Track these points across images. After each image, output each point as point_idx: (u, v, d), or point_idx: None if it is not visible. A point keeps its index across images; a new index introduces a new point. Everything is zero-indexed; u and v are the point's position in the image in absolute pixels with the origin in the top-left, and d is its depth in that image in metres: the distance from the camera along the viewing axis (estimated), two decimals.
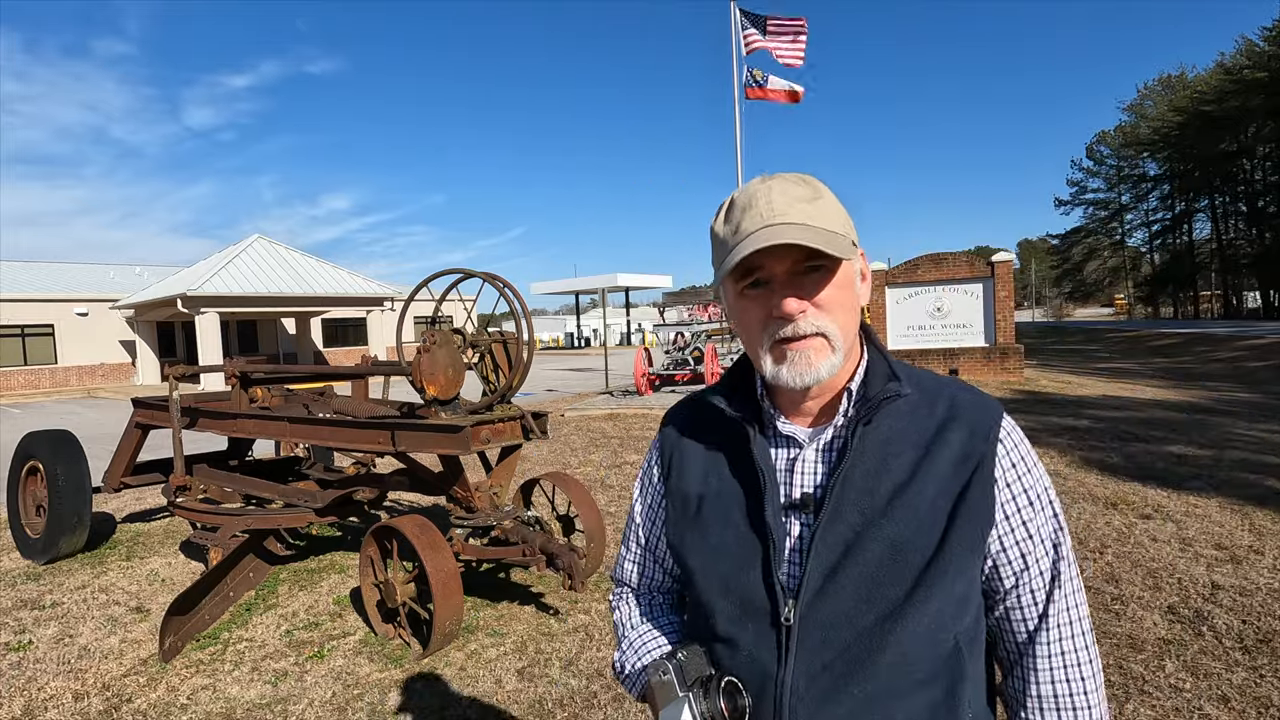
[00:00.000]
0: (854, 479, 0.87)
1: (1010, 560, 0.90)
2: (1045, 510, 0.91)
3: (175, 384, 4.91)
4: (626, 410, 12.07)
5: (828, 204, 0.88)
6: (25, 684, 3.46)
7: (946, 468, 0.87)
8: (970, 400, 0.93)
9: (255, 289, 23.97)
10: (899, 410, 0.91)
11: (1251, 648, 3.20)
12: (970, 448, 0.88)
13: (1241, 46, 45.46)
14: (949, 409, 0.91)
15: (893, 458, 0.88)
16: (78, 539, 5.29)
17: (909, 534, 0.85)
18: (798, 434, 0.93)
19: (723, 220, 0.90)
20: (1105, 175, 63.16)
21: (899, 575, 0.84)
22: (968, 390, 0.95)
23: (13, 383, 27.35)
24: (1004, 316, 14.72)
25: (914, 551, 0.85)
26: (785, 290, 0.85)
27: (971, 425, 0.90)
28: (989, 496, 0.88)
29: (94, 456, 5.90)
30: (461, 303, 5.85)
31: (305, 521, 4.48)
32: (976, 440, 0.89)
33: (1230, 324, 35.73)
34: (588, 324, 52.48)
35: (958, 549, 0.85)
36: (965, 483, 0.87)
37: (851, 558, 0.86)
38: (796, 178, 0.89)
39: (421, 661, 3.49)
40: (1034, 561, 0.90)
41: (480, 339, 4.16)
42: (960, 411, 0.91)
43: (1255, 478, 6.07)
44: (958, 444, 0.88)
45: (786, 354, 0.87)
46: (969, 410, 0.91)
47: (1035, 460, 0.93)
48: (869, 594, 0.85)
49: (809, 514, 0.89)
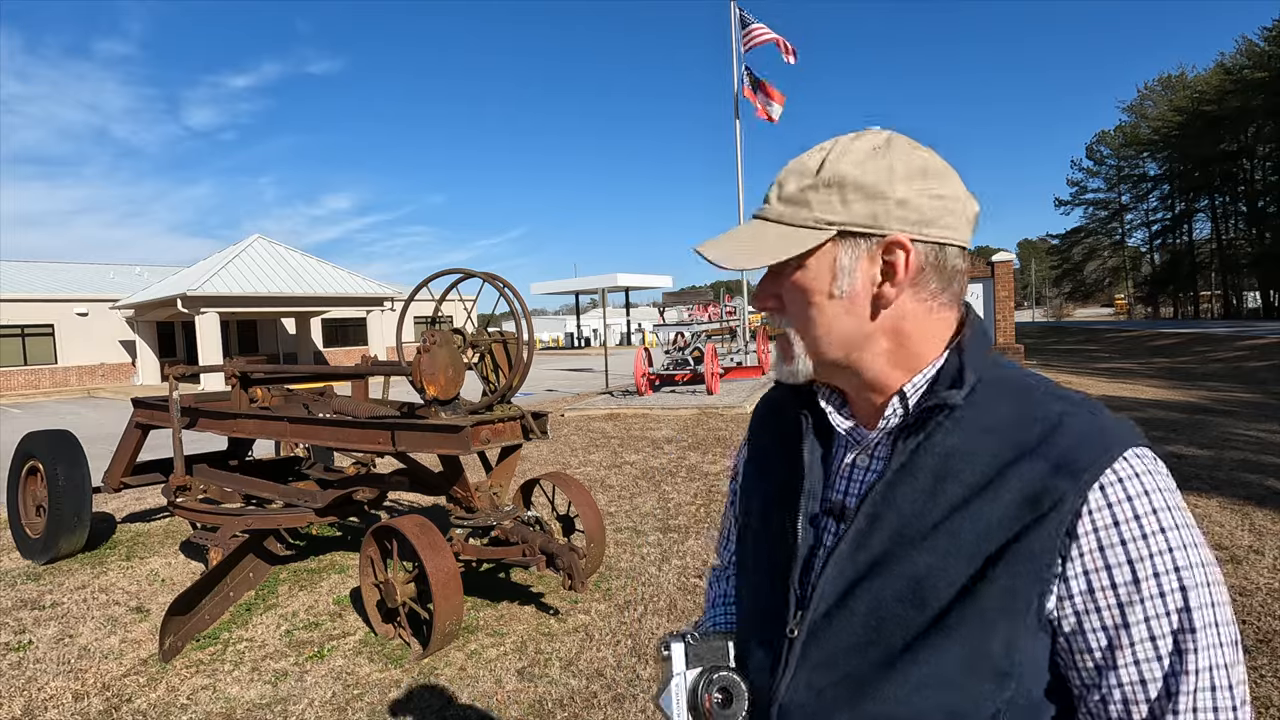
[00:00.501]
0: (892, 497, 0.75)
1: (1090, 649, 0.68)
2: (1161, 598, 0.65)
3: (175, 384, 4.91)
4: (626, 410, 12.07)
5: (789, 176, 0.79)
6: (25, 684, 3.47)
7: (1007, 503, 0.69)
8: (1080, 427, 0.70)
9: (255, 289, 23.97)
10: (975, 425, 0.73)
11: (1251, 648, 3.20)
12: (1046, 485, 0.68)
13: (1242, 46, 45.55)
14: (1044, 433, 0.71)
15: (951, 480, 0.73)
16: (78, 539, 5.29)
17: (936, 570, 0.71)
18: (854, 434, 0.83)
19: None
20: (1105, 175, 63.21)
21: (912, 617, 0.72)
22: (1089, 417, 0.72)
23: (13, 383, 27.35)
24: (1004, 316, 14.73)
25: (936, 592, 0.71)
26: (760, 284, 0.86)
27: (1062, 457, 0.69)
28: (1053, 550, 0.67)
29: (94, 456, 5.90)
30: (461, 303, 5.85)
31: (305, 521, 4.48)
32: (1060, 477, 0.68)
33: (1230, 324, 35.73)
34: (588, 324, 52.49)
35: (990, 601, 0.68)
36: (1024, 526, 0.68)
37: (868, 583, 0.75)
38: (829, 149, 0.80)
39: (421, 661, 3.49)
40: (1125, 662, 0.66)
41: (480, 339, 4.16)
42: (1057, 438, 0.70)
43: (1255, 478, 6.07)
44: (1035, 476, 0.69)
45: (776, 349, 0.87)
46: (1070, 438, 0.70)
47: (1169, 525, 0.67)
48: (878, 629, 0.74)
49: (840, 525, 0.80)
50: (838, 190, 0.74)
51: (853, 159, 0.74)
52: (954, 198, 0.74)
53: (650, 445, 9.01)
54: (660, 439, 9.42)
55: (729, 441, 8.96)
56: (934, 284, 0.75)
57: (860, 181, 0.73)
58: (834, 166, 0.74)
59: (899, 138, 0.76)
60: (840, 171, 0.74)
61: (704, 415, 11.27)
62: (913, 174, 0.73)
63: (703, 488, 6.66)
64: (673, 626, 3.76)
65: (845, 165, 0.74)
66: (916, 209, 0.73)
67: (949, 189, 0.74)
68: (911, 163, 0.73)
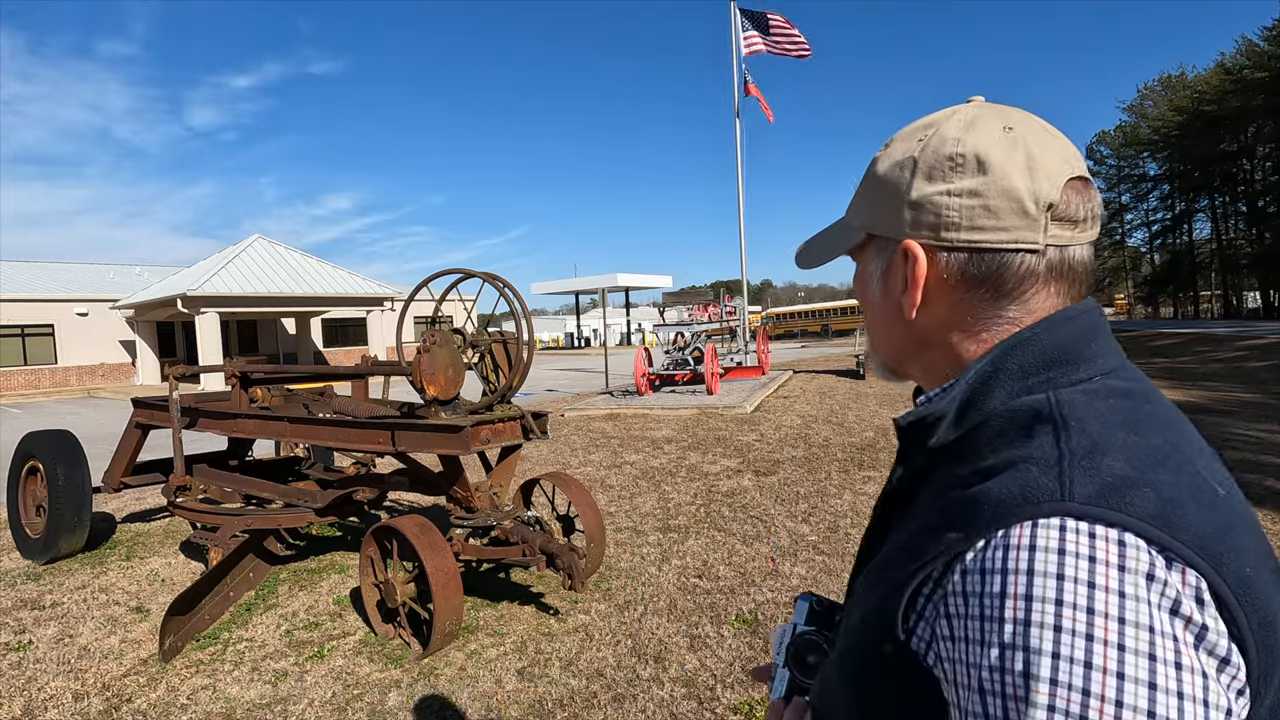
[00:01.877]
0: (879, 523, 0.72)
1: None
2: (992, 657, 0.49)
3: (175, 384, 4.91)
4: (626, 410, 12.07)
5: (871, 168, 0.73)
6: (25, 684, 3.47)
7: (930, 547, 0.57)
8: (1005, 486, 0.54)
9: (255, 289, 23.97)
10: (950, 453, 0.63)
11: None
12: (947, 540, 0.55)
13: (1242, 46, 45.52)
14: (990, 469, 0.57)
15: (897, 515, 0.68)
16: (78, 539, 5.29)
17: (873, 613, 0.61)
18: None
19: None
20: (1105, 175, 63.14)
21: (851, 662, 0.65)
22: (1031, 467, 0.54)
23: (13, 383, 27.36)
24: None
25: (868, 637, 0.62)
26: None
27: (970, 508, 0.55)
28: (932, 620, 0.56)
29: (94, 456, 5.90)
30: (461, 303, 5.85)
31: (305, 521, 4.48)
32: (954, 530, 0.55)
33: (1230, 324, 35.74)
34: (588, 324, 52.50)
35: (903, 660, 0.58)
36: (920, 582, 0.57)
37: (848, 618, 0.70)
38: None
39: (421, 661, 3.49)
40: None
41: (480, 339, 4.16)
42: (990, 479, 0.55)
43: (1255, 478, 6.07)
44: (945, 522, 0.57)
45: None
46: (998, 482, 0.54)
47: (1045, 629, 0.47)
48: (833, 672, 0.70)
49: None
50: (869, 189, 0.71)
51: (890, 153, 0.69)
52: (1000, 192, 0.61)
53: (650, 445, 9.01)
54: (660, 439, 9.42)
55: (729, 441, 8.96)
56: (981, 293, 0.64)
57: (884, 179, 0.68)
58: (878, 162, 0.70)
59: (954, 118, 0.65)
60: (875, 169, 0.70)
61: (704, 415, 11.27)
62: (938, 168, 0.64)
63: (703, 488, 6.66)
64: (673, 626, 3.76)
65: (882, 161, 0.69)
66: (935, 210, 0.64)
67: (993, 183, 0.61)
68: (941, 153, 0.64)
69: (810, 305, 61.81)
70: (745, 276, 16.62)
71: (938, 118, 0.67)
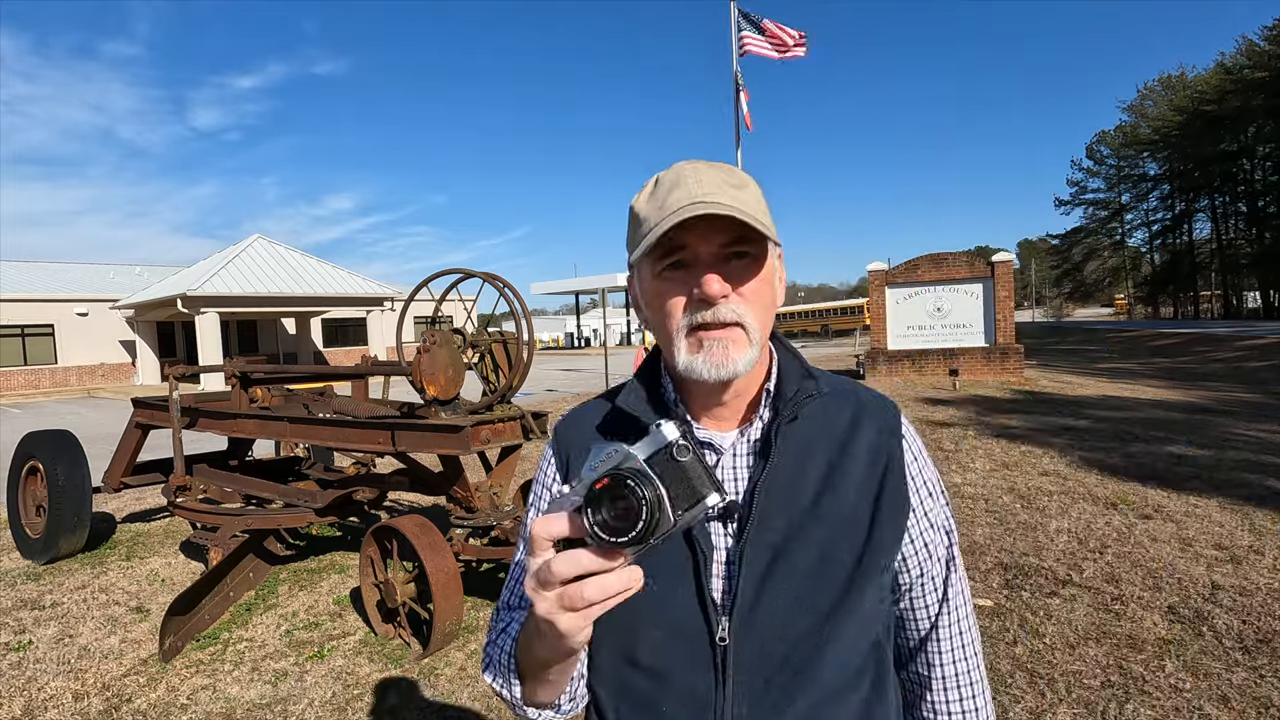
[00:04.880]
0: (778, 483, 0.83)
1: (916, 551, 0.90)
2: (940, 499, 0.94)
3: (175, 384, 4.91)
4: None
5: (753, 194, 0.83)
6: (25, 684, 3.46)
7: (862, 466, 0.86)
8: (873, 398, 0.94)
9: (255, 289, 23.96)
10: (815, 410, 0.88)
11: (1251, 648, 3.20)
12: (880, 443, 0.88)
13: (1242, 46, 45.51)
14: (856, 407, 0.91)
15: (810, 459, 0.86)
16: (78, 539, 5.29)
17: (836, 536, 0.83)
18: (714, 439, 0.88)
19: (646, 197, 0.83)
20: (1105, 175, 63.14)
21: (830, 580, 0.82)
22: (867, 389, 0.96)
23: (13, 383, 27.35)
24: (1004, 316, 14.71)
25: (842, 554, 0.83)
26: (710, 271, 0.79)
27: (878, 422, 0.90)
28: (903, 490, 0.88)
29: (94, 456, 5.90)
30: (461, 303, 5.85)
31: (305, 521, 4.48)
32: (884, 436, 0.89)
33: (1230, 324, 35.73)
34: (588, 324, 52.48)
35: (882, 546, 0.85)
36: (880, 479, 0.86)
37: (780, 566, 0.82)
38: (722, 165, 0.85)
39: (421, 661, 3.49)
40: (934, 549, 0.91)
41: (480, 339, 4.16)
42: (866, 409, 0.91)
43: (1255, 478, 6.07)
44: (869, 441, 0.88)
45: (703, 342, 0.80)
46: (874, 408, 0.92)
47: (927, 452, 0.96)
48: (801, 602, 0.81)
49: (733, 523, 0.84)
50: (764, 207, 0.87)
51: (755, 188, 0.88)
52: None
53: None
54: None
55: None
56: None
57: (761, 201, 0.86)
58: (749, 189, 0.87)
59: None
60: (760, 200, 0.87)
61: None
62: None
63: None
64: None
65: (753, 193, 0.86)
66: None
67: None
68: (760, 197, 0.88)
69: (810, 305, 61.80)
70: None
71: (739, 172, 0.85)
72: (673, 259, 0.81)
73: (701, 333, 0.80)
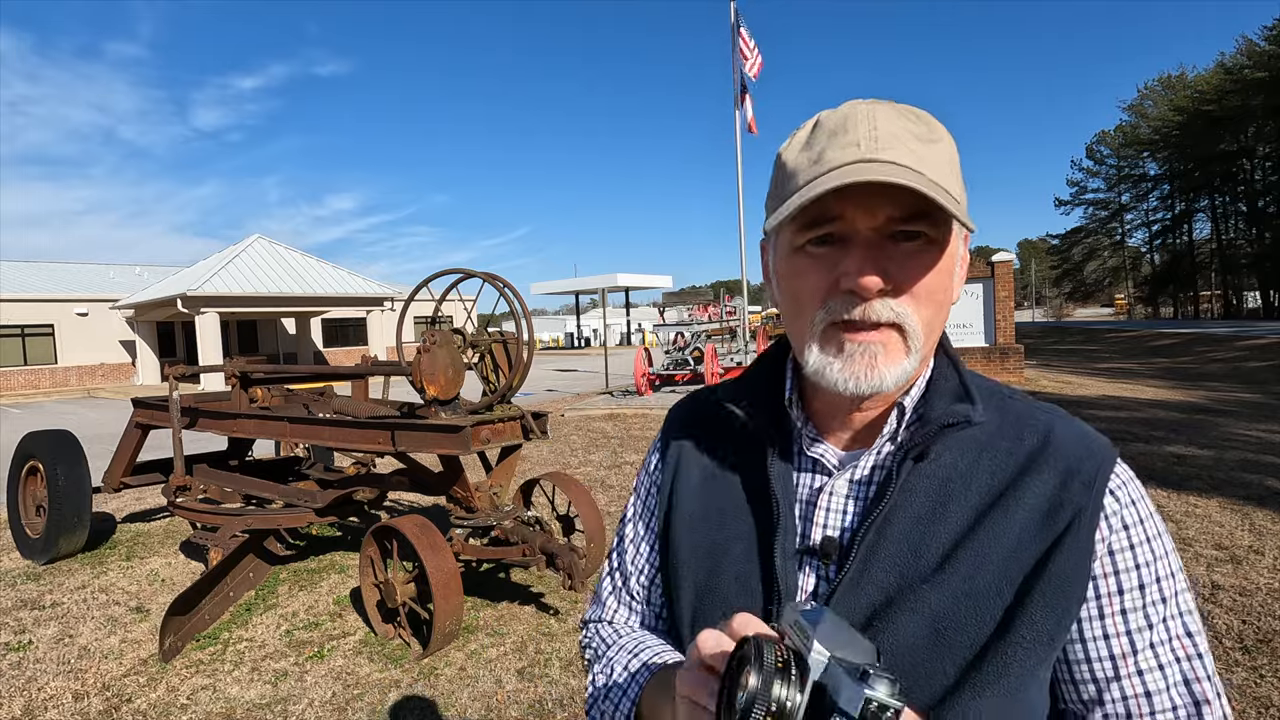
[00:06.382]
0: (895, 526, 0.66)
1: (1092, 660, 0.64)
2: (1170, 604, 0.64)
3: (175, 384, 4.91)
4: (626, 410, 12.07)
5: (945, 151, 0.63)
6: (25, 684, 3.46)
7: (1025, 522, 0.64)
8: (1071, 436, 0.67)
9: (255, 289, 23.96)
10: (969, 441, 0.68)
11: (1251, 648, 3.20)
12: (1063, 498, 0.64)
13: (1242, 46, 45.50)
14: (1040, 444, 0.67)
15: (953, 502, 0.65)
16: (78, 539, 5.29)
17: (959, 607, 0.62)
18: (828, 456, 0.71)
19: (801, 144, 0.65)
20: (1105, 175, 63.17)
21: (939, 665, 0.62)
22: (1072, 423, 0.69)
23: (13, 383, 27.34)
24: (1004, 316, 14.71)
25: (964, 632, 0.62)
26: (867, 256, 0.61)
27: (1068, 467, 0.65)
28: (1083, 569, 0.63)
29: (94, 456, 5.90)
30: (461, 303, 5.85)
31: (305, 521, 4.48)
32: (1074, 489, 0.64)
33: (1230, 324, 35.73)
34: (588, 324, 52.48)
35: (1028, 638, 0.61)
36: (1049, 546, 0.62)
37: (877, 632, 0.64)
38: (908, 109, 0.65)
39: (421, 661, 3.49)
40: (1129, 675, 0.64)
41: (480, 339, 4.16)
42: (1056, 448, 0.66)
43: (1255, 478, 6.07)
44: (1045, 492, 0.64)
45: (845, 344, 0.63)
46: (1069, 447, 0.66)
47: (1162, 530, 0.66)
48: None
49: (830, 565, 0.68)
50: (956, 173, 0.69)
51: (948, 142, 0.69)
52: None
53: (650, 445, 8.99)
54: None
55: None
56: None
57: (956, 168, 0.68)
58: (950, 146, 0.70)
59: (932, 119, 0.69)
60: (954, 153, 0.70)
61: None
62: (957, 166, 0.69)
63: None
64: None
65: (950, 147, 0.69)
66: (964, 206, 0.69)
67: None
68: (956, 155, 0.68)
69: None
70: (745, 276, 16.57)
71: (929, 119, 0.67)
72: (820, 231, 0.63)
73: (845, 333, 0.63)
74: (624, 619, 0.87)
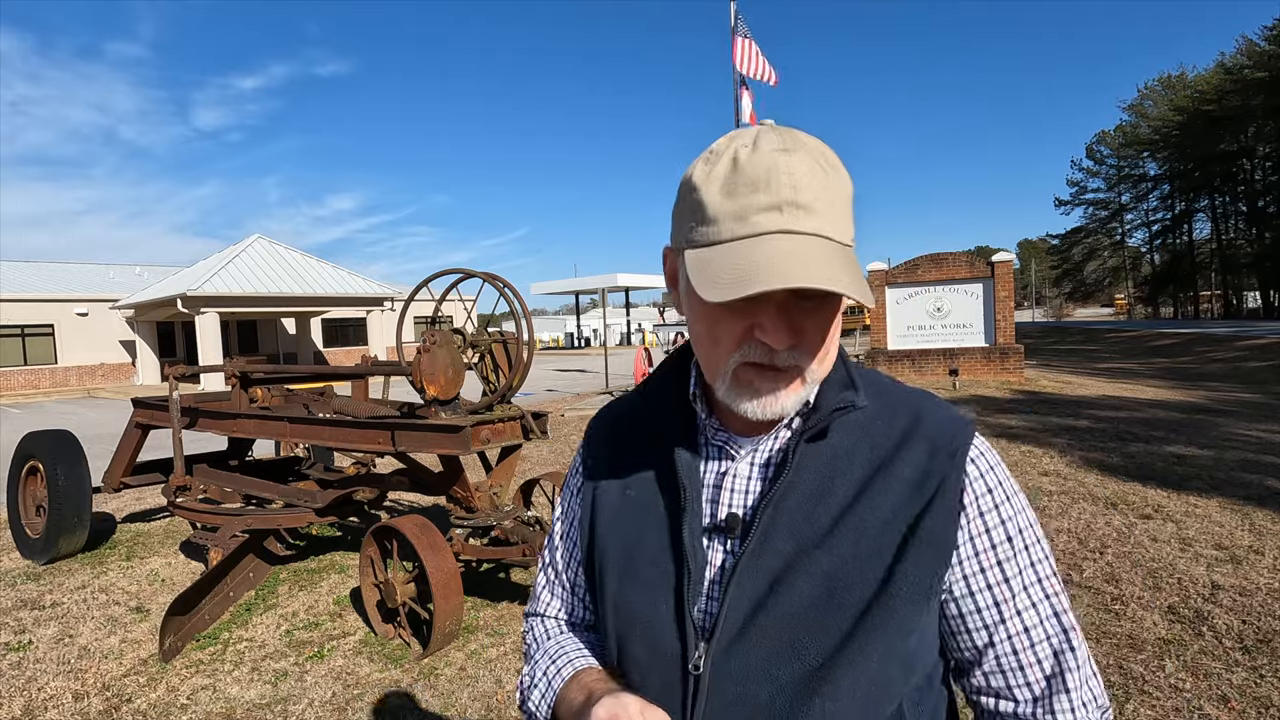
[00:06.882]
0: (790, 500, 0.73)
1: (979, 610, 0.74)
2: (1033, 550, 0.75)
3: (175, 384, 4.91)
4: None
5: (843, 189, 0.69)
6: (25, 684, 3.46)
7: (900, 490, 0.73)
8: (939, 415, 0.78)
9: (255, 289, 23.97)
10: (852, 423, 0.76)
11: (1251, 648, 3.20)
12: (931, 466, 0.73)
13: (1242, 46, 45.46)
14: (911, 422, 0.76)
15: (839, 477, 0.74)
16: (78, 539, 5.29)
17: (847, 567, 0.71)
18: (731, 444, 0.79)
19: (720, 185, 0.67)
20: (1105, 175, 63.15)
21: (832, 619, 0.70)
22: (938, 404, 0.80)
23: (13, 383, 27.34)
24: (1004, 316, 14.71)
25: (852, 590, 0.70)
26: (780, 316, 0.67)
27: (935, 442, 0.74)
28: (950, 528, 0.72)
29: (94, 456, 5.90)
30: (461, 303, 5.86)
31: (305, 521, 4.48)
32: (940, 458, 0.74)
33: (1230, 324, 35.73)
34: (588, 324, 52.47)
35: (905, 591, 0.70)
36: (921, 509, 0.72)
37: (778, 594, 0.71)
38: (815, 147, 0.69)
39: (421, 661, 3.49)
40: (1011, 617, 0.73)
41: (480, 339, 4.16)
42: (924, 425, 0.76)
43: (1255, 478, 6.07)
44: (917, 462, 0.74)
45: (754, 383, 0.70)
46: (935, 424, 0.76)
47: (1017, 489, 0.77)
48: (795, 641, 0.70)
49: (735, 539, 0.75)
50: (848, 211, 0.74)
51: (844, 175, 0.74)
52: None
53: None
54: None
55: None
56: None
57: (848, 202, 0.74)
58: (846, 183, 0.74)
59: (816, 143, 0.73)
60: (848, 190, 0.74)
61: None
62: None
63: None
64: None
65: (846, 182, 0.74)
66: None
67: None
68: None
69: None
70: None
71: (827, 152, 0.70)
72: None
73: (755, 374, 0.70)
74: (556, 610, 0.97)
